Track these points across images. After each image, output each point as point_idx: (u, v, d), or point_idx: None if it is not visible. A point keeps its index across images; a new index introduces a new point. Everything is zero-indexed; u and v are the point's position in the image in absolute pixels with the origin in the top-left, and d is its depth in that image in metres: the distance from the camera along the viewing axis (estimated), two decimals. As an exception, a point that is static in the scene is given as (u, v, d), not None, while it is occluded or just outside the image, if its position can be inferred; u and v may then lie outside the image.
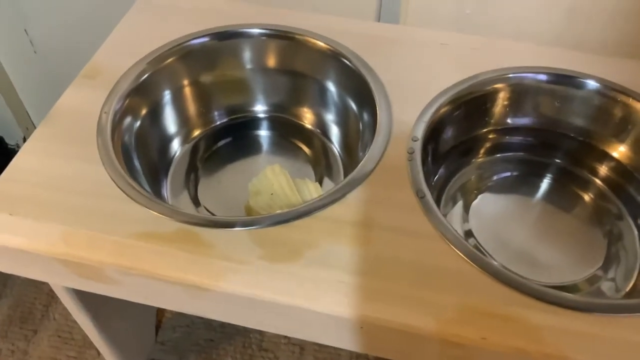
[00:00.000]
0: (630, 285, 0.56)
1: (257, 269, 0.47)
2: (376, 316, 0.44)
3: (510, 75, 0.62)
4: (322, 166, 0.68)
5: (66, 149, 0.56)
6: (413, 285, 0.46)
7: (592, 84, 0.62)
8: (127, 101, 0.60)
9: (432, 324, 0.44)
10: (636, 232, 0.60)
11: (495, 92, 0.63)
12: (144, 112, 0.63)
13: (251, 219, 0.50)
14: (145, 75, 0.62)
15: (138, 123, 0.62)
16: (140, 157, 0.61)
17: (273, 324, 0.50)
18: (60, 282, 0.57)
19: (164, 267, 0.47)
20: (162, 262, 0.47)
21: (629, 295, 0.55)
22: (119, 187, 0.52)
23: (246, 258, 0.47)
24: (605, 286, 0.57)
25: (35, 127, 1.12)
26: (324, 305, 0.45)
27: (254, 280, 0.46)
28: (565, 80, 0.62)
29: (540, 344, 0.43)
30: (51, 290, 1.01)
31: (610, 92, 0.61)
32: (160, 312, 0.98)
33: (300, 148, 0.69)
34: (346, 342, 0.48)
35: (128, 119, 0.61)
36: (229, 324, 0.96)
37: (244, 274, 0.46)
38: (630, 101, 0.60)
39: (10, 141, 1.16)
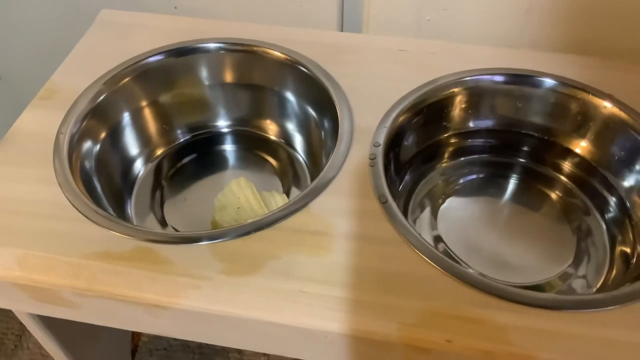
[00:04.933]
0: (601, 280, 0.56)
1: (217, 284, 0.46)
2: (339, 325, 0.43)
3: (467, 79, 0.62)
4: (289, 177, 0.67)
5: (22, 171, 0.55)
6: (376, 291, 0.45)
7: (548, 81, 0.62)
8: (84, 123, 0.59)
9: (395, 330, 0.43)
10: (604, 227, 0.60)
11: (454, 95, 0.63)
12: (103, 134, 0.62)
13: (211, 233, 0.50)
14: (102, 96, 0.61)
15: (98, 146, 0.61)
16: (102, 181, 0.60)
17: (236, 338, 0.48)
18: (19, 308, 0.55)
19: (121, 287, 0.46)
20: (119, 281, 0.46)
21: (600, 290, 0.55)
22: (75, 208, 0.51)
23: (206, 273, 0.46)
24: (577, 284, 0.57)
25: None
26: (286, 317, 0.44)
27: (215, 295, 0.45)
28: (521, 80, 0.63)
29: (506, 344, 0.42)
30: (24, 320, 0.99)
31: (568, 89, 0.61)
32: (135, 336, 0.96)
33: (266, 160, 0.69)
34: (312, 353, 0.47)
35: (87, 143, 0.60)
36: (206, 346, 0.95)
37: (204, 290, 0.45)
38: (590, 97, 0.61)
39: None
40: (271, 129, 0.70)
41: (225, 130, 0.71)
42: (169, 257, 0.48)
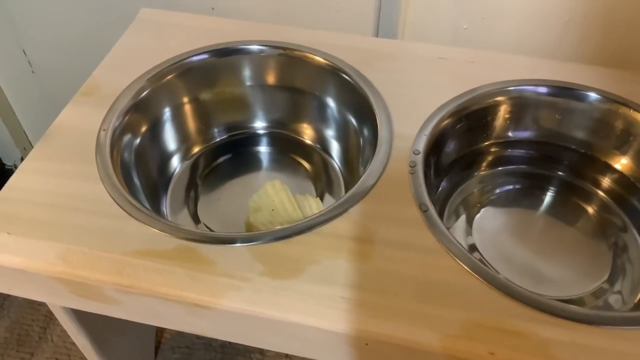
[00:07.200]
0: (638, 297, 0.55)
1: (258, 286, 0.46)
2: (380, 332, 0.43)
3: (511, 89, 0.62)
4: (322, 182, 0.67)
5: (64, 167, 0.55)
6: (417, 300, 0.45)
7: (592, 95, 0.62)
8: (126, 118, 0.60)
9: (438, 340, 0.43)
10: (641, 244, 0.59)
11: (496, 105, 0.63)
12: (143, 129, 0.63)
13: (252, 235, 0.50)
14: (145, 92, 0.62)
15: (138, 140, 0.62)
16: (140, 174, 0.60)
17: (275, 341, 0.48)
18: (58, 302, 0.56)
19: (164, 285, 0.46)
20: (162, 279, 0.46)
21: (636, 307, 0.54)
22: (118, 205, 0.51)
23: (247, 275, 0.47)
24: (612, 299, 0.56)
25: (33, 148, 1.12)
26: (326, 321, 0.44)
27: (256, 297, 0.45)
28: (565, 92, 0.62)
29: (549, 358, 0.42)
30: (49, 312, 1.00)
31: (611, 104, 0.61)
32: (159, 333, 0.96)
33: (301, 164, 0.69)
34: (350, 359, 0.47)
35: (127, 136, 0.60)
36: (229, 345, 0.95)
37: (246, 291, 0.46)
38: (631, 112, 0.60)
39: (7, 161, 1.15)
40: (307, 133, 0.70)
41: (261, 131, 0.71)
42: (210, 257, 0.48)
